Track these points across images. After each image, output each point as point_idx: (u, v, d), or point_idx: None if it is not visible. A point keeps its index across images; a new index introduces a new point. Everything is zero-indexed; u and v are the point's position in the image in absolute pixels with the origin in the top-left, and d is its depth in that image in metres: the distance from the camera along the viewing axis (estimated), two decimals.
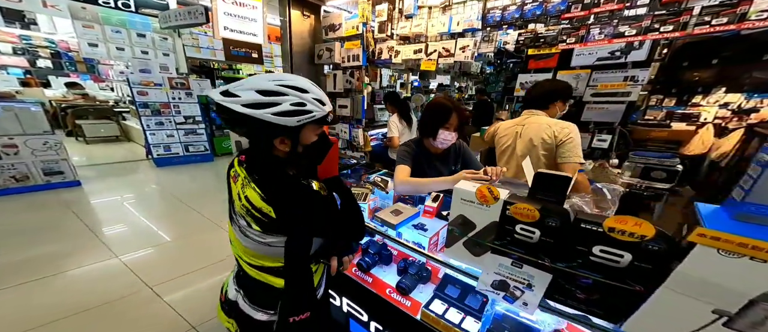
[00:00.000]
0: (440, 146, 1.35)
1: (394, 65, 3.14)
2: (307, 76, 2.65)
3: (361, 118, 2.77)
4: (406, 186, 1.27)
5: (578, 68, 2.39)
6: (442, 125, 1.28)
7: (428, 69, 2.51)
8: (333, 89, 2.85)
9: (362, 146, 2.94)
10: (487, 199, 0.75)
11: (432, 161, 1.45)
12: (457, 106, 1.30)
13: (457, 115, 1.28)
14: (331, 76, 2.84)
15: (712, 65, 3.24)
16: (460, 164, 1.51)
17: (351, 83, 2.68)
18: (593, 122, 2.40)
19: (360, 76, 2.63)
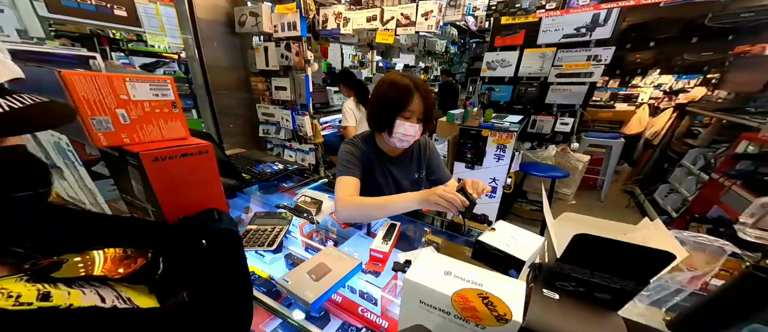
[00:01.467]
0: (398, 144, 0.93)
1: (344, 37, 2.60)
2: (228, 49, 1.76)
3: (307, 103, 2.25)
4: (352, 210, 0.85)
5: (544, 46, 2.22)
6: (399, 112, 0.86)
7: (385, 41, 2.08)
8: (265, 66, 2.24)
9: (311, 136, 2.46)
10: (480, 317, 0.39)
11: (386, 167, 1.03)
12: (420, 84, 0.86)
13: (422, 98, 0.86)
14: (260, 49, 2.21)
15: (650, 47, 3.45)
16: (425, 170, 1.10)
17: (288, 59, 2.11)
18: (556, 104, 2.30)
19: (300, 50, 2.07)
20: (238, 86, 2.49)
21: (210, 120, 2.35)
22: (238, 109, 2.55)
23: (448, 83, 4.41)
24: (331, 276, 0.63)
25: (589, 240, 0.37)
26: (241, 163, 1.32)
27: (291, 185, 1.26)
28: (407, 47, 3.88)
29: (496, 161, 2.03)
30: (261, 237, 0.80)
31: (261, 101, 2.53)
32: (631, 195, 2.85)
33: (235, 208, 1.06)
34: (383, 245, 0.73)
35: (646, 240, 0.41)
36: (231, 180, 1.04)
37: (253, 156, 1.45)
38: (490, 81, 2.40)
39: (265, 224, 0.86)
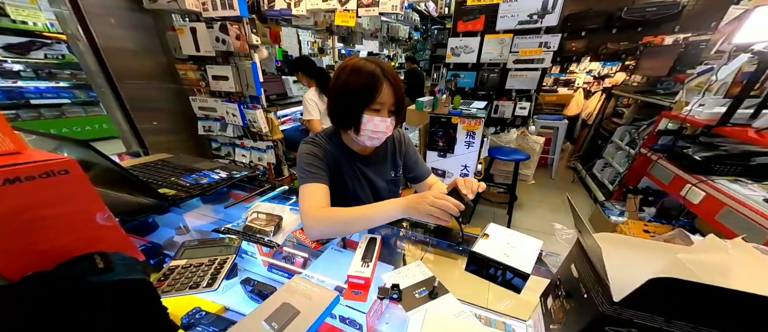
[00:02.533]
0: (368, 142, 0.79)
1: (298, 19, 2.28)
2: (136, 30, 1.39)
3: (257, 94, 1.92)
4: (324, 226, 0.70)
5: (502, 32, 2.28)
6: (366, 105, 0.72)
7: (346, 24, 1.86)
8: (195, 52, 1.82)
9: (268, 133, 2.14)
10: None
11: (356, 167, 0.88)
12: (387, 70, 0.73)
13: (391, 86, 0.72)
14: (185, 31, 1.78)
15: (582, 37, 3.88)
16: (402, 168, 0.97)
17: (226, 43, 1.74)
18: (515, 89, 2.40)
19: (241, 33, 1.72)
20: (158, 74, 2.01)
21: (121, 117, 1.85)
22: (163, 102, 2.07)
23: (414, 70, 4.36)
24: (299, 321, 0.47)
25: (675, 286, 0.26)
26: (162, 173, 1.03)
27: (247, 195, 1.02)
28: (370, 33, 3.66)
29: (467, 148, 2.04)
30: (194, 276, 0.58)
31: (195, 92, 2.09)
32: (574, 171, 3.23)
33: (166, 226, 0.82)
34: (364, 268, 0.60)
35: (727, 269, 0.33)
36: (144, 198, 0.77)
37: (183, 164, 1.14)
38: (455, 67, 2.39)
39: (198, 256, 0.64)
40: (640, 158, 2.06)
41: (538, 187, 2.85)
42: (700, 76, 1.85)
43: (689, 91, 1.90)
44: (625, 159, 2.45)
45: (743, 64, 1.59)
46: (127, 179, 0.73)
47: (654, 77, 2.77)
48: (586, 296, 0.36)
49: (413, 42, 5.34)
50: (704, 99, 1.72)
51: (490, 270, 0.58)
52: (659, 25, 3.37)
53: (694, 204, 1.46)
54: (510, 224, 2.25)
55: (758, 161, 1.41)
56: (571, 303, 0.40)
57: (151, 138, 2.01)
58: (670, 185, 1.68)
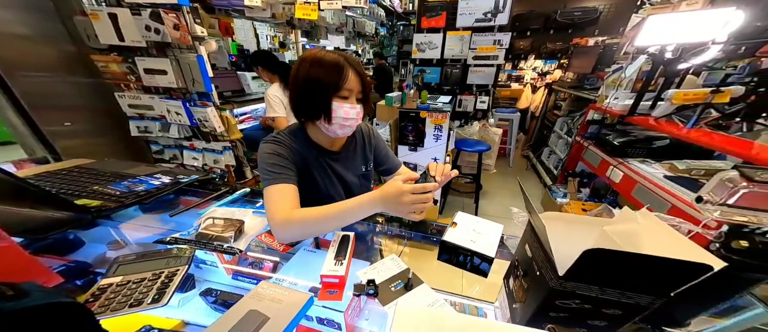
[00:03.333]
0: (340, 131, 0.76)
1: (252, 11, 2.05)
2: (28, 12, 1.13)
3: (207, 90, 1.69)
4: (294, 228, 0.65)
5: (462, 29, 2.39)
6: (335, 92, 0.70)
7: (308, 17, 1.74)
8: (118, 41, 1.50)
9: (224, 132, 1.90)
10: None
11: (326, 163, 0.84)
12: (351, 58, 0.72)
13: (356, 73, 0.72)
14: (99, 16, 1.45)
15: (527, 36, 4.31)
16: (372, 161, 0.95)
17: (161, 33, 1.47)
18: (475, 84, 2.56)
19: (182, 23, 1.47)
20: (66, 66, 1.65)
21: (15, 117, 1.47)
22: (77, 99, 1.71)
23: (382, 66, 4.33)
24: (269, 327, 0.45)
25: (602, 255, 0.31)
26: (80, 182, 0.89)
27: (199, 201, 0.91)
28: (335, 28, 3.49)
29: (436, 141, 2.10)
30: (134, 293, 0.52)
31: (123, 88, 1.75)
32: (527, 159, 3.60)
33: (96, 242, 0.71)
34: (337, 266, 0.58)
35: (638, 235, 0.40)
36: (55, 212, 0.66)
37: (109, 169, 0.98)
38: (421, 63, 2.44)
39: (138, 271, 0.57)
40: (576, 145, 2.38)
41: (499, 175, 3.11)
42: (614, 73, 2.21)
43: (607, 86, 2.25)
44: (565, 147, 2.81)
45: (642, 64, 1.94)
46: (26, 190, 0.60)
47: (582, 74, 3.21)
48: (539, 273, 0.40)
49: (380, 38, 5.29)
50: (617, 93, 2.05)
51: (459, 258, 0.61)
52: (584, 29, 3.92)
53: (616, 183, 1.74)
54: (477, 211, 2.41)
55: (657, 144, 1.74)
56: (528, 282, 0.44)
57: (64, 142, 1.63)
58: (598, 167, 1.98)
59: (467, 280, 0.64)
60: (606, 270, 0.33)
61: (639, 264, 0.31)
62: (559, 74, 3.92)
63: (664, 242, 0.37)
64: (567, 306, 0.38)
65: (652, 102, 1.77)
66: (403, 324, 0.36)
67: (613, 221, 0.45)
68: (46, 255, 0.64)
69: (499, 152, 3.23)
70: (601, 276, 0.34)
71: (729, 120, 1.41)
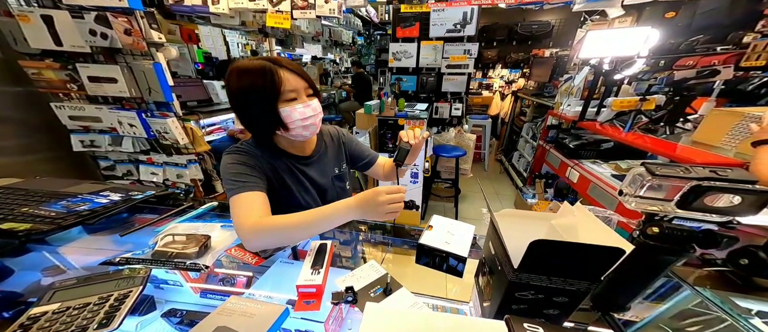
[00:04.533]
0: (305, 133, 0.72)
1: (219, 18, 1.93)
2: None
3: (168, 100, 1.54)
4: (264, 236, 0.61)
5: (434, 39, 2.48)
6: (278, 97, 0.66)
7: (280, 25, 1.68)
8: (55, 46, 1.31)
9: (188, 144, 1.74)
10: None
11: (298, 169, 0.80)
12: (278, 59, 0.68)
13: (291, 71, 0.67)
14: (30, 18, 1.26)
15: (494, 47, 4.62)
16: (345, 161, 0.93)
17: (108, 38, 1.31)
18: (449, 92, 2.65)
19: (135, 28, 1.33)
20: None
21: None
22: (1, 111, 1.46)
23: (361, 75, 4.32)
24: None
25: (544, 245, 0.35)
26: (6, 204, 0.79)
27: (156, 218, 0.82)
28: (311, 36, 3.42)
29: None
30: (76, 320, 0.47)
31: (61, 97, 1.54)
32: (500, 163, 3.80)
33: (28, 269, 0.66)
34: (314, 276, 0.57)
35: (576, 227, 0.44)
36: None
37: (41, 188, 0.89)
38: (398, 71, 2.48)
39: (80, 296, 0.52)
40: (540, 149, 2.57)
41: (475, 179, 3.24)
42: (566, 82, 2.44)
43: (561, 94, 2.47)
44: (531, 150, 3.01)
45: (587, 74, 2.17)
46: None
47: (541, 83, 3.50)
48: (500, 268, 0.43)
49: (358, 47, 5.32)
50: (569, 101, 2.27)
51: (436, 260, 0.62)
52: (541, 41, 4.31)
53: (574, 182, 1.90)
54: (457, 215, 2.47)
55: (604, 146, 1.94)
56: (493, 278, 0.47)
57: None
58: (559, 168, 2.15)
59: (447, 282, 0.64)
60: (550, 260, 0.37)
61: (572, 251, 0.35)
62: (522, 83, 4.23)
63: (593, 233, 0.41)
64: (525, 297, 0.41)
65: (597, 109, 1.98)
66: (370, 323, 0.38)
67: (557, 216, 0.49)
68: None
69: (475, 156, 3.37)
70: (548, 265, 0.37)
71: (656, 124, 1.62)
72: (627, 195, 0.45)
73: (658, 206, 0.43)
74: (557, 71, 3.14)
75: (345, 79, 5.24)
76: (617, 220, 0.55)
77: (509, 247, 0.41)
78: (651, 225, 0.44)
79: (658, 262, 0.44)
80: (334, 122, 3.00)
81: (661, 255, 0.43)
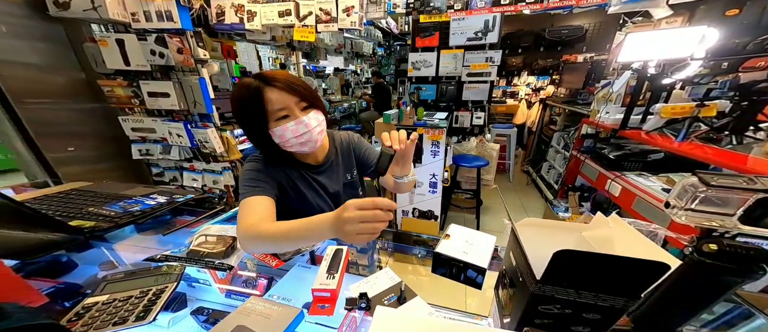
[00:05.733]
0: (304, 148, 0.73)
1: (253, 34, 2.17)
2: (38, 40, 1.21)
3: (208, 111, 1.74)
4: (251, 239, 0.61)
5: (455, 48, 2.49)
6: (268, 118, 0.66)
7: (305, 39, 1.83)
8: (125, 66, 1.58)
9: (223, 153, 1.93)
10: None
11: (310, 178, 0.83)
12: (268, 76, 0.66)
13: (281, 88, 0.65)
14: (108, 42, 1.54)
15: (519, 53, 4.48)
16: (356, 168, 0.92)
17: (165, 57, 1.55)
18: (471, 101, 2.61)
19: (185, 47, 1.55)
20: (73, 92, 1.70)
21: (20, 144, 1.50)
22: (82, 125, 1.75)
23: (380, 85, 4.47)
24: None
25: (570, 256, 0.32)
26: (76, 204, 0.90)
27: (193, 220, 0.91)
28: (334, 49, 3.66)
29: (433, 157, 2.11)
30: (119, 311, 0.52)
31: (127, 111, 1.81)
32: (527, 174, 3.59)
33: (89, 264, 0.72)
34: (329, 280, 0.57)
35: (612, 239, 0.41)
36: (49, 234, 0.67)
37: (104, 191, 1.00)
38: (417, 81, 2.51)
39: (127, 289, 0.57)
40: (573, 160, 2.38)
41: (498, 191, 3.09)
42: (603, 88, 2.26)
43: (598, 101, 2.29)
44: (563, 161, 2.81)
45: (629, 79, 1.99)
46: (20, 213, 0.60)
47: (574, 89, 3.29)
48: (522, 279, 0.40)
49: (378, 58, 5.53)
50: (608, 108, 2.09)
51: (453, 270, 0.60)
52: (572, 45, 4.07)
53: (615, 196, 1.72)
54: (479, 227, 2.37)
55: (653, 157, 1.74)
56: (514, 291, 0.44)
57: (65, 169, 1.65)
58: (597, 181, 1.96)
59: (466, 296, 0.62)
60: (580, 273, 0.34)
61: (606, 264, 0.32)
62: (551, 90, 4.02)
63: (632, 245, 0.38)
64: (549, 311, 0.38)
65: (642, 116, 1.80)
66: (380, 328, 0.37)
67: (589, 227, 0.45)
68: (37, 277, 0.64)
69: (499, 167, 3.23)
70: (576, 278, 0.34)
71: (719, 133, 1.42)
72: (675, 208, 0.41)
73: (716, 220, 0.38)
74: (592, 77, 2.94)
75: (365, 89, 5.42)
76: (664, 235, 0.49)
77: (532, 257, 0.39)
78: (708, 242, 0.38)
79: (717, 283, 0.38)
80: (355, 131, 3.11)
81: (721, 275, 0.37)
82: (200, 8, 1.69)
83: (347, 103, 4.60)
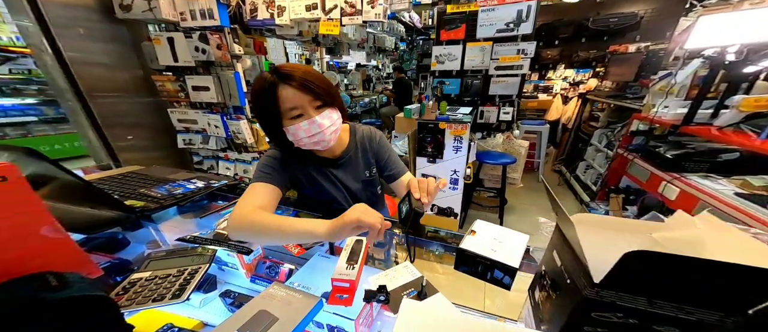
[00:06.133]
0: (319, 146, 0.74)
1: (282, 29, 2.28)
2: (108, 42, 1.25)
3: (241, 104, 1.87)
4: (242, 227, 0.62)
5: (482, 40, 2.37)
6: (282, 117, 0.67)
7: (330, 32, 1.88)
8: (173, 62, 1.76)
9: (253, 144, 2.07)
10: None
11: (329, 172, 0.84)
12: (286, 71, 0.65)
13: (296, 86, 0.64)
14: (161, 40, 1.73)
15: (556, 45, 4.13)
16: (375, 166, 0.91)
17: (206, 53, 1.70)
18: (498, 95, 2.48)
19: (222, 42, 1.69)
20: (134, 87, 1.92)
21: (91, 133, 1.74)
22: (139, 116, 1.97)
23: (402, 80, 4.45)
24: (278, 328, 0.45)
25: (650, 259, 0.26)
26: (130, 185, 0.98)
27: (225, 205, 0.97)
28: (357, 43, 3.71)
29: (455, 153, 2.05)
30: (159, 288, 0.55)
31: (174, 104, 2.01)
32: (559, 174, 3.33)
33: (140, 242, 0.78)
34: (349, 271, 0.55)
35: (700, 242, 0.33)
36: (108, 212, 0.72)
37: (154, 175, 1.08)
38: (440, 75, 2.45)
39: (166, 267, 0.61)
40: (618, 159, 2.15)
41: (526, 190, 2.91)
42: (662, 80, 1.99)
43: (654, 94, 2.03)
44: (604, 160, 2.55)
45: (697, 69, 1.72)
46: (88, 191, 0.67)
47: (622, 82, 2.96)
48: (569, 281, 0.35)
49: (400, 52, 5.49)
50: (668, 101, 1.84)
51: (478, 268, 0.57)
52: (623, 34, 3.65)
53: (670, 200, 1.52)
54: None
55: (724, 157, 1.50)
56: (557, 292, 0.39)
57: (126, 155, 1.89)
58: (647, 182, 1.75)
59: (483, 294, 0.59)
60: (656, 279, 0.28)
61: (700, 271, 0.25)
62: (594, 83, 3.66)
63: (735, 250, 0.31)
64: (606, 319, 0.32)
65: (714, 110, 1.56)
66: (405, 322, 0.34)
67: (663, 227, 0.38)
68: (97, 252, 0.70)
69: (526, 166, 3.04)
70: (652, 285, 0.28)
71: None
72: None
73: None
74: (646, 68, 2.63)
75: (386, 84, 5.40)
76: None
77: (589, 259, 0.33)
78: None
79: None
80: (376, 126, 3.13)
81: None
82: (236, 5, 1.82)
83: (368, 98, 4.64)
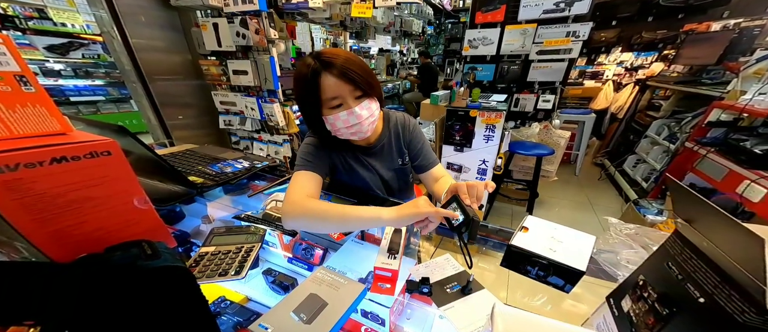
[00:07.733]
0: (356, 136, 0.73)
1: (314, 12, 2.29)
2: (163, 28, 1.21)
3: (275, 88, 1.96)
4: (302, 216, 0.61)
5: (524, 22, 2.16)
6: (320, 106, 0.67)
7: (362, 15, 1.85)
8: (217, 47, 1.89)
9: (284, 126, 2.17)
10: None
11: (364, 159, 0.85)
12: (327, 57, 0.63)
13: (337, 74, 0.62)
14: (208, 26, 1.84)
15: (613, 26, 3.61)
16: (407, 156, 0.90)
17: (246, 38, 1.78)
18: (538, 82, 2.28)
19: (260, 27, 1.75)
20: (184, 70, 2.09)
21: (150, 112, 1.95)
22: (188, 98, 2.16)
23: (427, 65, 4.27)
24: (328, 312, 0.46)
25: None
26: (190, 162, 1.05)
27: (265, 185, 1.04)
28: (383, 28, 3.61)
29: (486, 142, 1.96)
30: (223, 263, 0.58)
31: (217, 87, 2.16)
32: (601, 168, 3.02)
33: (193, 216, 0.84)
34: (390, 260, 0.55)
35: None
36: (174, 186, 0.79)
37: (208, 153, 1.16)
38: (472, 60, 2.30)
39: (227, 243, 0.64)
40: (684, 153, 1.88)
41: (560, 184, 2.70)
42: (759, 62, 1.66)
43: (746, 79, 1.72)
44: (662, 155, 2.25)
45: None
46: (160, 166, 0.74)
47: (699, 66, 2.53)
48: (704, 300, 0.30)
49: (426, 37, 5.24)
50: (764, 88, 1.54)
51: (529, 267, 0.52)
52: (705, 12, 3.06)
53: (752, 202, 1.31)
54: None
55: None
56: (672, 309, 0.34)
57: (177, 133, 2.11)
58: (722, 181, 1.53)
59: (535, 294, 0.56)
60: None
61: None
62: (658, 68, 3.17)
63: None
64: None
65: None
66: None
67: None
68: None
69: (564, 157, 2.80)
70: None
71: None
72: None
73: None
74: (735, 49, 2.22)
75: (410, 69, 5.21)
76: None
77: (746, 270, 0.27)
78: None
79: None
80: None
81: None
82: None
83: (392, 83, 4.53)
